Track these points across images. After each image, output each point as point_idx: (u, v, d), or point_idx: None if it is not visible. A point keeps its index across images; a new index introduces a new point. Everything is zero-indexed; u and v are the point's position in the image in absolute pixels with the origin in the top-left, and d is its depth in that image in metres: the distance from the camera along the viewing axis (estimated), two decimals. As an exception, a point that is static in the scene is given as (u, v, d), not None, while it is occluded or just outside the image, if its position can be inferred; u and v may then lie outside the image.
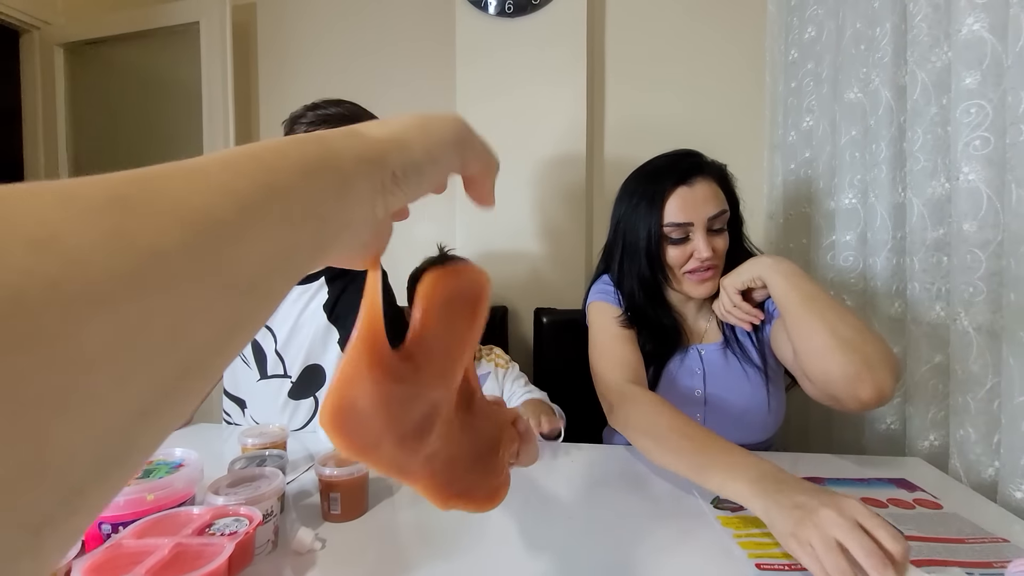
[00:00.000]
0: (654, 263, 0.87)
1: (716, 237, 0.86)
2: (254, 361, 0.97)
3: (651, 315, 0.90)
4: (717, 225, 0.85)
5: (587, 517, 0.66)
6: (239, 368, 0.99)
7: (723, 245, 0.86)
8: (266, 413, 0.98)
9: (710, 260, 0.84)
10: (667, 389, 0.89)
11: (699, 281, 0.86)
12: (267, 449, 0.73)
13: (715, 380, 0.89)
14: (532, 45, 1.50)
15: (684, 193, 0.84)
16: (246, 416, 1.01)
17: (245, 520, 0.51)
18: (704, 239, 0.84)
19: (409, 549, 0.58)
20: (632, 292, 0.90)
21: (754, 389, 0.87)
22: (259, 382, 0.97)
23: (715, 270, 0.86)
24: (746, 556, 0.56)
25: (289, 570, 0.54)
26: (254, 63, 1.91)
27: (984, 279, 0.71)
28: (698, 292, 0.88)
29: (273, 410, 0.97)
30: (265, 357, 0.97)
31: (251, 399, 0.99)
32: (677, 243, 0.86)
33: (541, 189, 1.53)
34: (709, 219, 0.84)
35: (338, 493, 0.64)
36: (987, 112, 0.69)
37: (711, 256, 0.84)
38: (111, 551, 0.46)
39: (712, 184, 0.86)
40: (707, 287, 0.87)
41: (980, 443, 0.73)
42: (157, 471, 0.58)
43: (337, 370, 0.25)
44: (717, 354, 0.90)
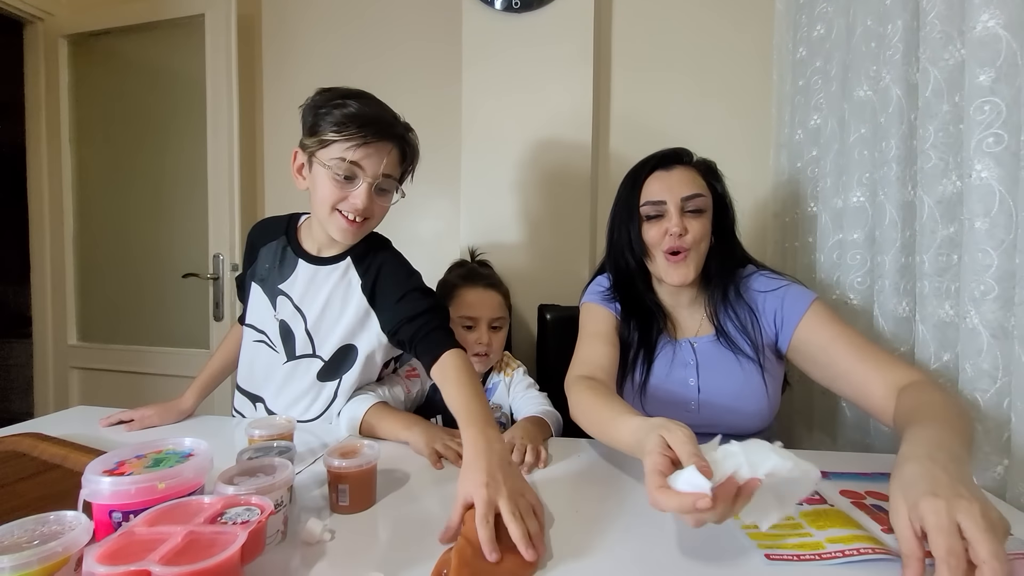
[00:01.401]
0: (636, 241, 0.91)
1: (692, 219, 0.88)
2: (281, 344, 0.97)
3: (635, 294, 0.94)
4: (692, 207, 0.88)
5: (595, 511, 0.66)
6: (260, 357, 0.99)
7: (699, 229, 0.88)
8: (285, 400, 0.98)
9: (683, 240, 0.87)
10: (660, 381, 0.91)
11: (672, 264, 0.88)
12: (275, 440, 0.73)
13: (708, 370, 0.90)
14: (539, 41, 1.49)
15: (661, 175, 0.90)
16: (258, 412, 1.01)
17: (257, 509, 0.50)
18: (677, 216, 0.87)
19: (419, 541, 0.58)
20: (618, 267, 0.95)
21: (747, 377, 0.88)
22: (285, 364, 0.96)
23: (688, 254, 0.88)
24: (756, 547, 0.56)
25: (299, 560, 0.54)
26: (259, 56, 1.91)
27: (995, 277, 0.70)
28: (671, 277, 0.89)
29: (295, 394, 0.97)
30: (294, 338, 0.96)
31: (271, 386, 0.99)
32: (653, 220, 0.90)
33: (546, 186, 1.53)
34: (683, 199, 0.87)
35: (347, 484, 0.63)
36: (1001, 109, 0.69)
37: (683, 233, 0.87)
38: (123, 539, 0.46)
39: (692, 172, 0.91)
40: (680, 272, 0.89)
41: (989, 441, 0.72)
42: (167, 460, 0.58)
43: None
44: (710, 345, 0.92)
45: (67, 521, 0.48)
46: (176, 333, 1.93)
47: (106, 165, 2.01)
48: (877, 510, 0.64)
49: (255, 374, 1.00)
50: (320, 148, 0.84)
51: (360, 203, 0.85)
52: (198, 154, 1.83)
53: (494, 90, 1.53)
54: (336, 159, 0.83)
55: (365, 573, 0.50)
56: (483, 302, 1.10)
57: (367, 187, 0.85)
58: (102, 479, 0.52)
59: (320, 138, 0.84)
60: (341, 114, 0.83)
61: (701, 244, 0.89)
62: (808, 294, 0.87)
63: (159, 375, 1.93)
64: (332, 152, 0.83)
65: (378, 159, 0.85)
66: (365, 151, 0.83)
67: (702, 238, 0.89)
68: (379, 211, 0.90)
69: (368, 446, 0.68)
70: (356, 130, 0.82)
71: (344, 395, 0.96)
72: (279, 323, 0.97)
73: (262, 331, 0.98)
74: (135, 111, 1.96)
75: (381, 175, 0.86)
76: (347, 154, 0.83)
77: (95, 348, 2.03)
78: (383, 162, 0.85)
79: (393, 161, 0.87)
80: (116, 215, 2.01)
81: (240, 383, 1.03)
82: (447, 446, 0.80)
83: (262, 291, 0.98)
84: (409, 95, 1.72)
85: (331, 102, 0.85)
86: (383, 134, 0.85)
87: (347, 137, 0.82)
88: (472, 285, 1.13)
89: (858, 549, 0.55)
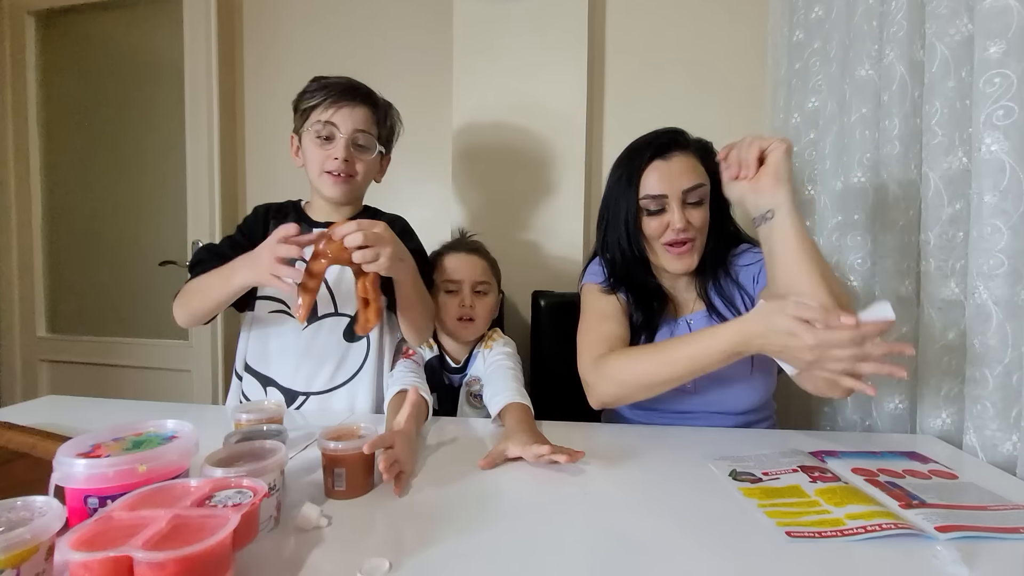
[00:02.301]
0: (633, 235, 0.89)
1: (693, 210, 0.86)
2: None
3: (635, 280, 0.92)
4: (693, 198, 0.86)
5: (605, 492, 0.64)
6: (276, 328, 0.97)
7: (701, 218, 0.86)
8: (306, 370, 0.96)
9: (686, 233, 0.85)
10: None
11: (676, 255, 0.87)
12: (264, 424, 0.68)
13: None
14: (532, 27, 1.46)
15: (660, 166, 0.86)
16: (269, 396, 0.97)
17: (249, 492, 0.46)
18: (679, 211, 0.85)
19: (421, 526, 0.55)
20: (614, 261, 0.93)
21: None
22: (306, 329, 0.97)
23: (692, 244, 0.87)
24: (775, 524, 0.55)
25: (294, 547, 0.50)
26: (239, 40, 1.83)
27: (1005, 251, 0.70)
28: (675, 267, 0.89)
29: (318, 360, 0.96)
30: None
31: (289, 359, 0.97)
32: (654, 215, 0.87)
33: (540, 172, 1.50)
34: (684, 191, 0.85)
35: (343, 469, 0.60)
36: (1012, 81, 0.68)
37: (686, 228, 0.85)
38: (101, 524, 0.41)
39: (690, 158, 0.88)
40: (684, 262, 0.88)
41: (997, 418, 0.72)
42: (148, 443, 0.54)
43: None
44: (704, 322, 0.91)
45: (36, 507, 0.43)
46: (152, 324, 1.85)
47: (77, 149, 1.92)
48: (892, 487, 0.63)
49: (270, 351, 0.98)
50: (303, 121, 0.95)
51: (340, 154, 0.93)
52: (175, 138, 1.75)
53: (486, 75, 1.49)
54: (315, 123, 0.93)
55: (367, 559, 0.47)
56: (464, 265, 1.08)
57: (344, 141, 0.93)
58: (76, 461, 0.48)
59: (302, 109, 0.95)
60: (316, 85, 0.96)
61: (703, 232, 0.88)
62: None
63: (135, 367, 1.85)
64: (311, 119, 0.94)
65: (350, 115, 0.94)
66: (336, 109, 0.93)
67: (703, 227, 0.87)
68: (363, 168, 0.97)
69: (365, 428, 0.64)
70: (326, 94, 0.93)
71: (377, 355, 0.99)
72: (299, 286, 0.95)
73: (280, 300, 0.97)
74: (108, 93, 1.87)
75: (354, 131, 0.94)
76: (322, 116, 0.93)
77: (66, 340, 1.94)
78: (355, 118, 0.94)
79: (365, 118, 0.96)
80: (88, 200, 1.91)
81: (252, 364, 0.99)
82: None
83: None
84: (398, 80, 1.67)
85: (311, 83, 0.97)
86: (351, 95, 0.95)
87: (320, 100, 0.93)
88: (454, 251, 1.12)
89: (880, 525, 0.53)
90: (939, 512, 0.56)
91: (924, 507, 0.58)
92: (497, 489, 0.64)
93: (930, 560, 0.48)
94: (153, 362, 1.83)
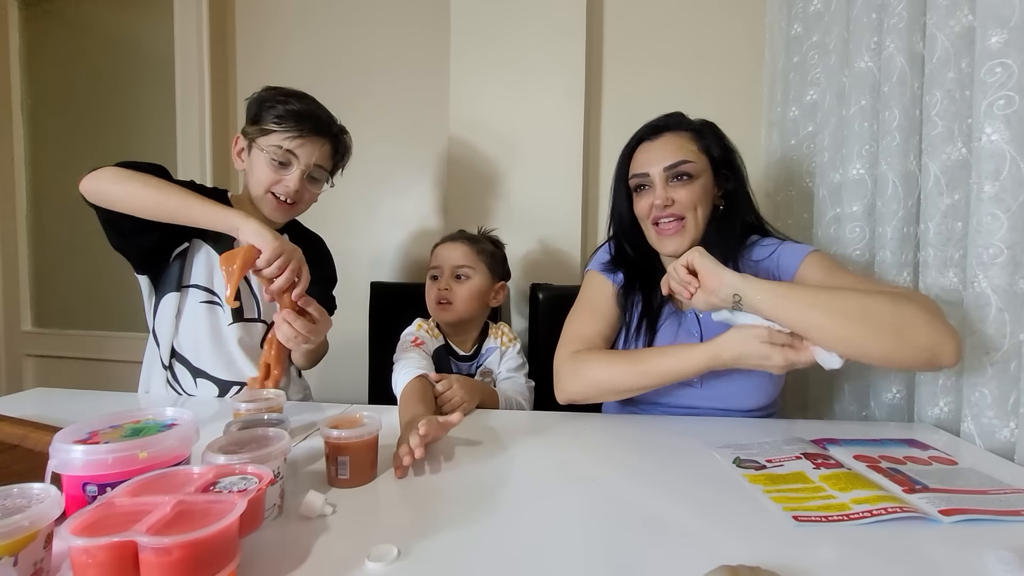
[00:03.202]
0: (627, 217, 0.94)
1: (679, 188, 0.87)
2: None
3: (636, 264, 0.94)
4: (677, 173, 0.86)
5: (612, 479, 0.64)
6: (206, 320, 0.96)
7: (687, 195, 0.86)
8: (237, 369, 0.97)
9: (671, 209, 0.86)
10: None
11: (664, 235, 0.88)
12: (264, 413, 0.67)
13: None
14: (529, 21, 1.46)
15: (647, 146, 0.90)
16: (199, 388, 0.97)
17: (254, 478, 0.45)
18: (661, 187, 0.86)
19: (428, 513, 0.54)
20: (619, 243, 0.97)
21: None
22: (231, 326, 0.97)
23: (682, 223, 0.87)
24: (781, 509, 0.55)
25: (300, 534, 0.49)
26: (231, 29, 1.79)
27: (1004, 241, 0.70)
28: (663, 247, 0.89)
29: (246, 361, 0.97)
30: (240, 299, 0.98)
31: (219, 353, 0.96)
32: (642, 195, 0.90)
33: (537, 165, 1.49)
34: (665, 169, 0.86)
35: (347, 456, 0.59)
36: (1012, 71, 0.69)
37: (669, 204, 0.86)
38: (102, 510, 0.40)
39: (680, 137, 0.88)
40: (673, 242, 0.88)
41: (995, 405, 0.73)
42: (147, 430, 0.52)
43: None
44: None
45: (33, 494, 0.42)
46: (141, 318, 1.81)
47: (63, 138, 1.87)
48: (894, 472, 0.63)
49: (199, 341, 0.96)
50: (260, 136, 0.94)
51: (292, 186, 0.94)
52: (166, 128, 1.72)
53: (484, 68, 1.48)
54: (274, 146, 0.93)
55: (375, 546, 0.46)
56: (446, 253, 1.11)
57: (299, 173, 0.94)
58: (74, 448, 0.46)
59: (261, 127, 0.93)
60: (283, 108, 0.93)
61: (697, 210, 0.87)
62: (803, 248, 0.86)
63: (123, 362, 1.81)
64: (271, 140, 0.93)
65: (311, 150, 0.95)
66: (301, 142, 0.93)
67: (694, 204, 0.86)
68: (308, 197, 1.00)
69: (369, 417, 0.63)
70: (294, 124, 0.93)
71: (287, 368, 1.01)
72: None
73: (212, 291, 0.97)
74: (96, 82, 1.83)
75: (313, 165, 0.96)
76: (284, 143, 0.93)
77: (51, 334, 1.90)
78: (315, 154, 0.96)
79: (325, 154, 0.98)
80: (74, 192, 1.86)
81: (181, 352, 0.97)
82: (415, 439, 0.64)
83: (214, 250, 0.96)
84: (394, 73, 1.65)
85: (275, 98, 0.95)
86: (318, 130, 0.96)
87: (286, 129, 0.92)
88: (443, 241, 1.15)
89: (885, 508, 0.53)
90: (942, 496, 0.57)
91: (927, 491, 0.58)
92: (504, 476, 0.64)
93: (938, 542, 0.49)
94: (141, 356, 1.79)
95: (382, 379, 1.05)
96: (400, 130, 1.65)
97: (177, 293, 0.95)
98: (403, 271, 1.68)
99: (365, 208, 1.68)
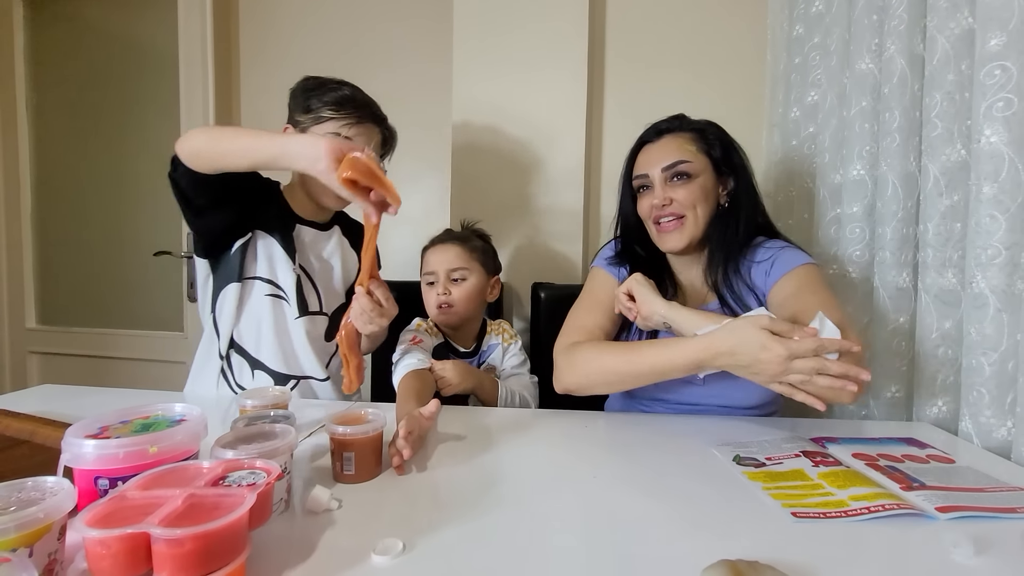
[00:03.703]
0: (633, 216, 0.96)
1: (678, 187, 0.88)
2: (295, 297, 0.98)
3: (641, 261, 0.95)
4: (675, 173, 0.88)
5: (613, 475, 0.65)
6: (270, 313, 0.96)
7: (687, 194, 0.88)
8: (301, 360, 0.99)
9: (670, 208, 0.88)
10: None
11: (663, 232, 0.90)
12: (270, 410, 0.68)
13: None
14: (532, 18, 1.46)
15: (648, 148, 0.92)
16: (256, 381, 0.97)
17: (262, 473, 0.46)
18: (660, 188, 0.89)
19: (432, 507, 0.55)
20: (624, 239, 0.99)
21: None
22: (298, 320, 0.99)
23: (680, 221, 0.88)
24: (780, 506, 0.55)
25: (307, 528, 0.50)
26: (235, 26, 1.80)
27: (1002, 241, 0.71)
28: (664, 244, 0.91)
29: (312, 352, 1.00)
30: (304, 293, 1.00)
31: (282, 346, 0.98)
32: (643, 194, 0.92)
33: (539, 163, 1.49)
34: (663, 169, 0.88)
35: (352, 452, 0.60)
36: (1012, 73, 0.69)
37: (668, 203, 0.88)
38: (115, 503, 0.41)
39: (680, 138, 0.90)
40: (673, 239, 0.89)
41: (992, 404, 0.73)
42: (156, 425, 0.53)
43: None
44: (715, 312, 0.89)
45: (47, 487, 0.43)
46: (146, 315, 1.83)
47: (67, 136, 1.88)
48: (892, 470, 0.64)
49: (262, 333, 0.97)
50: (315, 124, 0.93)
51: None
52: (170, 126, 1.73)
53: (486, 65, 1.48)
54: (331, 133, 0.92)
55: (380, 540, 0.47)
56: (439, 257, 1.10)
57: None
58: (85, 442, 0.47)
59: (318, 114, 0.93)
60: (339, 95, 0.94)
61: (696, 209, 0.88)
62: (801, 257, 0.85)
63: (128, 359, 1.83)
64: (327, 128, 0.92)
65: (367, 139, 0.95)
66: (358, 130, 0.94)
67: (693, 203, 0.87)
68: None
69: (373, 414, 0.64)
70: (352, 110, 0.93)
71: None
72: (297, 276, 0.98)
73: (275, 283, 0.97)
74: (99, 80, 1.84)
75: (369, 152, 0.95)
76: (342, 130, 0.92)
77: (56, 331, 1.91)
78: (372, 140, 0.96)
79: (377, 143, 0.99)
80: (79, 189, 1.88)
81: (240, 343, 0.97)
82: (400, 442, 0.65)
83: (278, 242, 0.97)
84: (397, 69, 1.66)
85: (327, 85, 0.95)
86: (372, 118, 0.97)
87: (344, 115, 0.93)
88: (433, 244, 1.14)
89: (883, 505, 0.54)
90: (939, 493, 0.57)
91: (924, 489, 0.59)
92: (506, 472, 0.65)
93: (933, 539, 0.49)
94: (146, 354, 1.81)
95: (384, 377, 1.06)
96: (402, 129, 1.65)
97: (239, 284, 0.95)
98: (405, 269, 1.69)
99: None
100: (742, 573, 0.41)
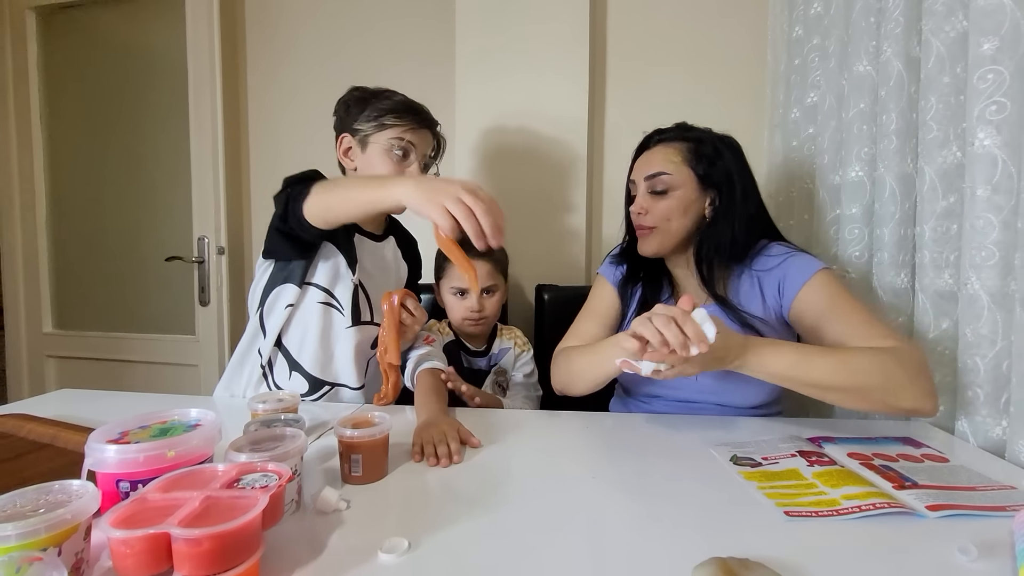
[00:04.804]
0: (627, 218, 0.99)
1: (656, 199, 0.90)
2: (350, 307, 1.00)
3: (639, 260, 0.98)
4: (657, 187, 0.90)
5: (612, 475, 0.66)
6: (320, 320, 0.98)
7: (660, 209, 0.90)
8: (338, 366, 1.01)
9: (641, 218, 0.91)
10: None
11: (639, 236, 0.94)
12: (281, 413, 0.71)
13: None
14: (534, 17, 1.47)
15: (643, 155, 0.95)
16: (291, 380, 0.99)
17: (275, 475, 0.49)
18: (640, 196, 0.92)
19: (438, 507, 0.57)
20: (631, 240, 1.00)
21: None
22: (349, 329, 1.01)
23: (651, 232, 0.91)
24: (774, 505, 0.57)
25: (317, 528, 0.52)
26: (242, 33, 1.83)
27: (997, 243, 0.72)
28: (639, 248, 0.95)
29: (358, 361, 1.02)
30: (359, 303, 1.02)
31: (333, 353, 1.00)
32: (633, 200, 0.95)
33: (542, 165, 1.51)
34: (646, 178, 0.91)
35: (360, 454, 0.62)
36: (1004, 77, 0.70)
37: (641, 212, 0.91)
38: (136, 505, 0.44)
39: (669, 149, 0.91)
40: (644, 244, 0.93)
41: (988, 404, 0.75)
42: (174, 430, 0.56)
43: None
44: (716, 315, 0.90)
45: (73, 490, 0.45)
46: (159, 319, 1.87)
47: (81, 144, 1.92)
48: (886, 469, 0.66)
49: (307, 337, 0.98)
50: (377, 131, 0.98)
51: (415, 174, 0.99)
52: (180, 133, 1.76)
53: (488, 67, 1.50)
54: (395, 139, 0.98)
55: (387, 539, 0.49)
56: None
57: (419, 163, 1.01)
58: (107, 447, 0.50)
59: (380, 122, 0.98)
60: (397, 102, 1.00)
61: (671, 222, 0.89)
62: (813, 264, 0.86)
63: (142, 363, 1.87)
64: (390, 134, 0.98)
65: (426, 142, 1.03)
66: (418, 134, 1.00)
67: (666, 217, 0.89)
68: None
69: (380, 417, 0.66)
70: (413, 116, 0.99)
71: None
72: (355, 285, 1.00)
73: (331, 291, 0.99)
74: (111, 88, 1.88)
75: (426, 155, 1.03)
76: (405, 135, 0.99)
77: (72, 336, 1.96)
78: (428, 144, 1.03)
79: (432, 146, 1.05)
80: (92, 196, 1.92)
81: (287, 345, 0.99)
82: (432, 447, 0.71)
83: (342, 253, 0.99)
84: (400, 72, 1.67)
85: (382, 94, 1.02)
86: (428, 123, 1.03)
87: (406, 121, 0.98)
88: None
89: (874, 504, 0.56)
90: (930, 492, 0.59)
91: (916, 488, 0.60)
92: (507, 473, 0.67)
93: (923, 537, 0.51)
94: (160, 357, 1.85)
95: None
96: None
97: (297, 288, 0.96)
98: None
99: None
100: (733, 571, 0.43)
